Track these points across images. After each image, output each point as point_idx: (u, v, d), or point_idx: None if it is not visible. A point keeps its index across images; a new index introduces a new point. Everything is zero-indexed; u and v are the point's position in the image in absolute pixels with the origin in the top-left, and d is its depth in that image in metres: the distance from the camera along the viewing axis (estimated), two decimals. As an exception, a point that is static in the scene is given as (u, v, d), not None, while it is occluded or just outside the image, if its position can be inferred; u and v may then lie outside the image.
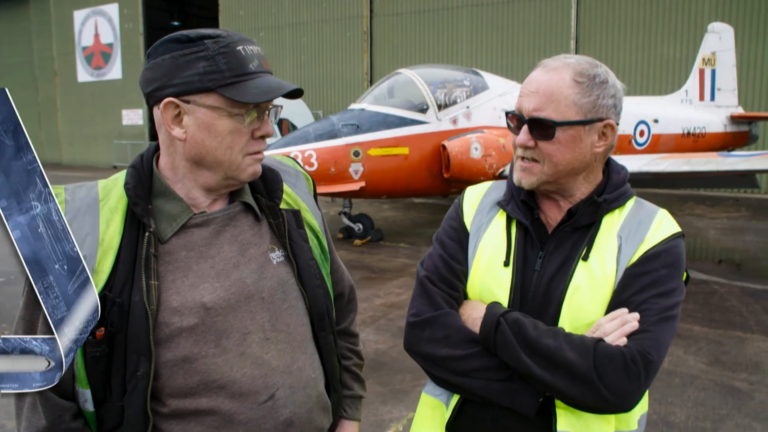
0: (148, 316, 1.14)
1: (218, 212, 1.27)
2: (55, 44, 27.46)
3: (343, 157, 8.13)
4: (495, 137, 8.76)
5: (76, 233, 1.15)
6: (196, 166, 1.23)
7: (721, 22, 13.01)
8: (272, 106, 1.25)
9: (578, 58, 1.35)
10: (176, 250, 1.22)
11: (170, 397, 1.19)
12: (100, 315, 1.11)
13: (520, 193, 1.41)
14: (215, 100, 1.17)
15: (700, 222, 10.65)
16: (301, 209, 1.38)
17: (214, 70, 1.16)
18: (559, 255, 1.33)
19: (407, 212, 12.33)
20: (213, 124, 1.18)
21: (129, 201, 1.21)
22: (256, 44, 1.24)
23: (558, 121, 1.29)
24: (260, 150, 1.24)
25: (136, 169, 1.25)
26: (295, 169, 1.47)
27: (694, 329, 5.27)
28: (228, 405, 1.19)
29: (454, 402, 1.38)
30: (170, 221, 1.22)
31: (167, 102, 1.19)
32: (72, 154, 27.77)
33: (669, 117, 11.22)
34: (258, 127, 1.22)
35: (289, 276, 1.31)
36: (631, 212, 1.35)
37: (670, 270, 1.27)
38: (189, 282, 1.20)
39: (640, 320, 1.22)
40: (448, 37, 17.71)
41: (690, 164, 7.45)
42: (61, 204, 1.18)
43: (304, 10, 20.35)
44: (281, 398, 1.23)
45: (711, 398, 3.98)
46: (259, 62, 1.20)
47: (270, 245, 1.31)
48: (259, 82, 1.18)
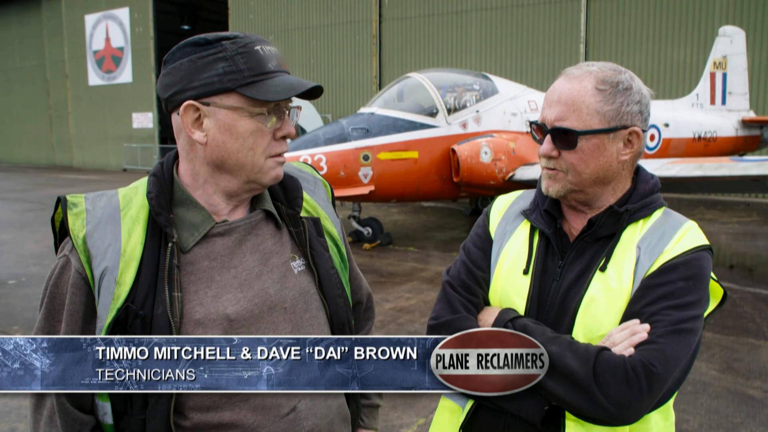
0: (171, 328, 1.13)
1: (240, 221, 1.25)
2: (66, 48, 27.69)
3: (352, 161, 8.14)
4: (505, 141, 8.74)
5: (97, 244, 1.14)
6: (218, 171, 1.21)
7: (733, 25, 12.93)
8: (292, 107, 1.23)
9: (601, 65, 1.34)
10: (198, 260, 1.20)
11: (193, 411, 1.17)
12: (122, 327, 1.11)
13: (545, 202, 1.41)
14: (236, 101, 1.15)
15: (711, 227, 10.56)
16: (321, 217, 1.37)
17: (233, 70, 1.14)
18: (579, 265, 1.33)
19: (416, 216, 12.31)
20: (234, 126, 1.16)
21: (151, 211, 1.19)
22: (272, 45, 1.23)
23: (580, 131, 1.28)
24: (282, 152, 1.22)
25: (157, 177, 1.23)
26: (314, 176, 1.46)
27: (707, 335, 5.22)
28: (251, 418, 1.18)
29: (468, 407, 1.38)
30: (192, 231, 1.20)
31: (187, 105, 1.16)
32: (82, 156, 27.97)
33: (679, 121, 11.15)
34: (279, 127, 1.20)
35: (310, 285, 1.29)
36: (656, 223, 1.33)
37: (688, 283, 1.24)
38: (212, 293, 1.18)
39: (650, 331, 1.20)
40: (457, 40, 17.70)
41: (702, 169, 7.41)
42: (82, 214, 1.18)
43: (313, 14, 20.41)
44: (303, 410, 1.22)
45: (724, 406, 3.94)
46: (277, 62, 1.19)
47: (291, 254, 1.29)
48: (279, 81, 1.17)
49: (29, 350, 1.10)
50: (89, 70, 27.23)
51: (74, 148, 28.31)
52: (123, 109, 26.04)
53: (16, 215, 12.72)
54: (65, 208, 1.18)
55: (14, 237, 10.16)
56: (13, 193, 17.10)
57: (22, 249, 9.17)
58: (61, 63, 28.06)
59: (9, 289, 6.94)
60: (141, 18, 25.07)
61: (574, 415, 1.23)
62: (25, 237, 10.15)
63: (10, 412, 3.90)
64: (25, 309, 6.12)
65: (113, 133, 26.42)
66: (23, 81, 30.01)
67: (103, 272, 1.13)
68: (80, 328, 1.14)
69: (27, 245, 9.45)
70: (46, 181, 20.90)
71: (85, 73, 27.35)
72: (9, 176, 23.00)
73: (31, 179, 21.66)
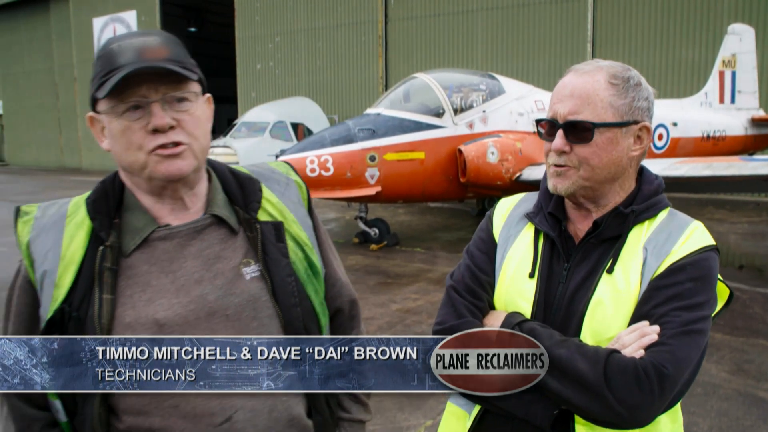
0: (97, 331, 1.14)
1: (183, 225, 1.23)
2: (74, 51, 27.88)
3: (359, 162, 8.14)
4: (512, 142, 8.71)
5: (38, 249, 1.18)
6: (129, 173, 1.22)
7: (742, 23, 12.83)
8: (168, 95, 1.15)
9: (610, 62, 1.34)
10: (138, 264, 1.19)
11: (125, 414, 1.17)
12: (58, 327, 1.14)
13: (548, 204, 1.39)
14: (102, 105, 1.17)
15: (720, 227, 10.48)
16: (286, 220, 1.31)
17: (93, 76, 1.17)
18: (585, 267, 1.31)
19: (423, 217, 12.30)
20: (110, 129, 1.17)
21: (88, 215, 1.21)
22: (150, 35, 1.19)
23: (597, 123, 1.27)
24: (162, 144, 1.15)
25: (104, 183, 1.26)
26: (287, 177, 1.40)
27: (716, 337, 5.17)
28: (181, 425, 1.15)
29: (475, 412, 1.37)
30: (134, 235, 1.21)
31: (88, 118, 1.22)
32: (91, 159, 28.13)
33: (688, 120, 11.08)
34: (148, 121, 1.14)
35: (262, 292, 1.24)
36: (662, 224, 1.32)
37: (697, 284, 1.23)
38: (146, 297, 1.17)
39: (660, 333, 1.19)
40: (464, 40, 17.68)
41: (711, 169, 7.35)
42: (30, 222, 1.22)
43: (319, 16, 20.44)
44: (239, 421, 1.17)
45: (734, 408, 3.89)
46: (136, 54, 1.13)
47: (245, 259, 1.25)
48: (119, 73, 1.11)
49: (29, 365, 1.13)
50: (97, 72, 27.40)
51: (83, 150, 28.49)
52: (131, 112, 26.16)
53: (25, 217, 12.77)
54: (17, 216, 1.23)
55: (23, 239, 10.21)
56: (22, 195, 17.22)
57: (30, 251, 9.21)
58: (70, 66, 28.25)
59: (17, 290, 6.97)
60: (148, 21, 25.21)
61: (585, 419, 1.21)
62: (34, 239, 10.19)
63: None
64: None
65: (121, 136, 26.55)
66: (32, 84, 30.24)
67: (43, 275, 1.17)
68: (25, 328, 1.19)
69: (35, 247, 9.49)
70: (56, 183, 21.04)
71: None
72: (18, 179, 23.17)
73: (40, 182, 21.81)
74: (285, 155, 8.20)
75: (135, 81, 1.12)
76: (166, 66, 1.14)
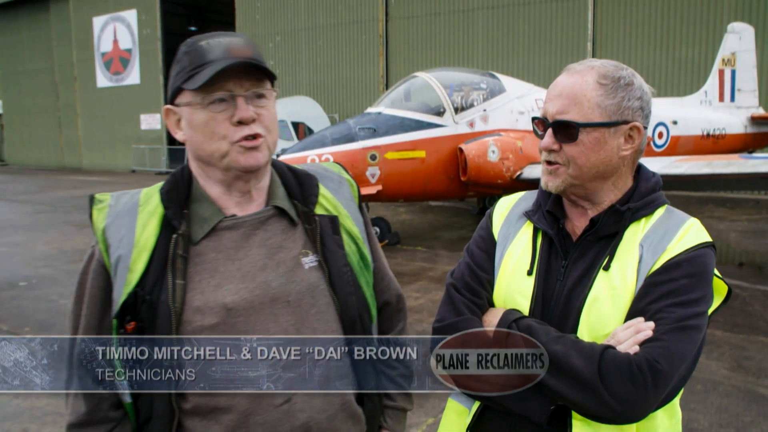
0: (171, 314, 1.20)
1: (248, 216, 1.30)
2: (74, 50, 27.88)
3: (359, 161, 8.14)
4: (512, 140, 8.72)
5: (113, 234, 1.25)
6: (204, 164, 1.29)
7: (742, 21, 12.83)
8: (250, 91, 1.24)
9: (603, 62, 1.34)
10: (206, 252, 1.26)
11: (192, 395, 1.23)
12: (131, 310, 1.20)
13: (547, 203, 1.41)
14: (187, 96, 1.24)
15: (720, 225, 10.49)
16: (340, 215, 1.40)
17: (180, 69, 1.25)
18: (582, 265, 1.32)
19: (424, 216, 12.31)
20: (192, 120, 1.24)
21: (162, 204, 1.28)
22: (235, 36, 1.27)
23: (581, 123, 1.29)
24: (245, 136, 1.23)
25: (174, 175, 1.33)
26: (339, 175, 1.49)
27: (716, 334, 5.19)
28: (245, 405, 1.22)
29: (475, 408, 1.39)
30: (202, 224, 1.28)
31: (165, 109, 1.29)
32: (91, 158, 28.15)
33: (688, 118, 11.09)
34: (233, 113, 1.22)
35: (320, 281, 1.31)
36: (658, 221, 1.33)
37: (692, 280, 1.23)
38: (214, 283, 1.24)
39: (655, 329, 1.20)
40: (464, 39, 17.68)
41: (711, 167, 7.35)
42: (105, 209, 1.29)
43: (319, 14, 20.45)
44: (298, 403, 1.24)
45: (734, 405, 3.91)
46: (224, 51, 1.22)
47: (303, 250, 1.32)
48: (210, 68, 1.20)
49: (29, 367, 1.17)
50: (97, 72, 27.41)
51: (83, 149, 28.51)
52: (131, 111, 26.18)
53: (27, 217, 12.82)
54: (91, 204, 1.30)
55: (25, 239, 10.25)
56: (23, 195, 17.24)
57: (32, 251, 9.24)
58: (70, 65, 28.25)
59: (20, 290, 7.00)
60: (148, 20, 25.20)
61: (581, 414, 1.23)
62: (36, 239, 10.23)
63: (23, 413, 3.94)
64: (37, 311, 6.17)
65: (121, 135, 26.58)
66: (32, 84, 30.24)
67: (117, 260, 1.23)
68: (98, 310, 1.24)
69: (38, 247, 9.53)
70: (56, 183, 21.06)
71: (93, 75, 27.53)
72: (19, 178, 23.20)
73: (41, 181, 21.83)
74: (286, 154, 8.19)
75: (223, 76, 1.20)
76: (257, 63, 1.23)
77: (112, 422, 1.25)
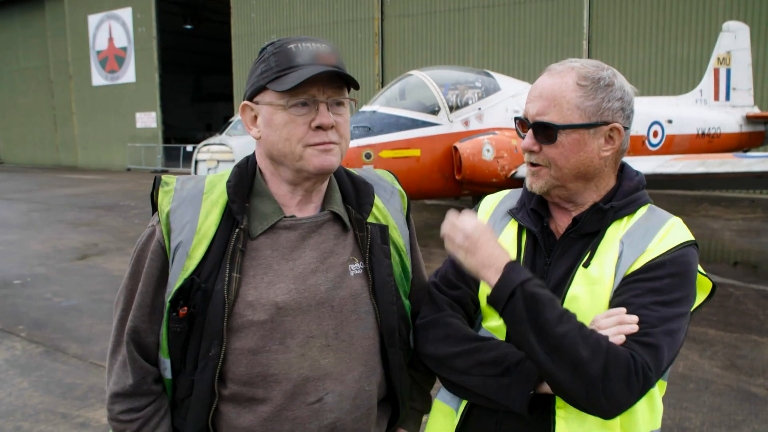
0: (225, 305, 1.23)
1: (307, 219, 1.34)
2: (70, 48, 27.78)
3: (354, 160, 8.13)
4: (507, 139, 8.72)
5: (178, 219, 1.28)
6: (274, 162, 1.32)
7: (737, 20, 12.87)
8: (331, 99, 1.27)
9: (584, 62, 1.34)
10: (263, 248, 1.29)
11: (232, 382, 1.27)
12: (185, 296, 1.24)
13: (531, 201, 1.41)
14: (270, 96, 1.27)
15: (715, 223, 10.53)
16: (389, 226, 1.43)
17: (266, 69, 1.27)
18: (565, 263, 1.33)
19: (419, 214, 12.32)
20: (272, 119, 1.27)
21: (228, 197, 1.30)
22: (323, 42, 1.30)
23: (559, 125, 1.29)
24: (322, 141, 1.26)
25: (240, 168, 1.36)
26: (392, 186, 1.52)
27: (709, 333, 5.21)
28: (280, 400, 1.26)
29: (462, 408, 1.39)
30: (262, 220, 1.31)
31: (242, 105, 1.33)
32: (87, 157, 28.06)
33: (683, 117, 11.11)
34: (313, 117, 1.25)
35: (363, 289, 1.35)
36: (640, 220, 1.32)
37: (675, 279, 1.23)
38: (267, 280, 1.27)
39: (641, 330, 1.18)
40: (460, 38, 17.68)
41: (705, 165, 7.37)
42: (171, 192, 1.32)
43: (315, 13, 20.42)
44: (329, 403, 1.29)
45: (727, 403, 3.93)
46: (312, 57, 1.25)
47: (351, 256, 1.36)
48: (299, 72, 1.23)
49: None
50: (93, 70, 27.31)
51: (79, 148, 28.41)
52: (126, 109, 26.11)
53: (22, 215, 12.78)
54: (157, 186, 1.33)
55: (19, 237, 10.21)
56: (18, 193, 17.18)
57: (27, 249, 9.21)
58: (65, 64, 28.14)
59: (14, 289, 6.98)
60: (144, 18, 25.11)
61: (558, 394, 1.20)
62: (31, 237, 10.20)
63: (15, 411, 3.93)
64: (30, 309, 6.15)
65: (117, 133, 26.50)
66: (27, 82, 30.12)
67: (178, 245, 1.26)
68: (153, 290, 1.28)
69: (32, 245, 9.50)
70: (51, 181, 20.99)
71: (88, 74, 27.44)
72: (14, 177, 23.11)
73: (36, 180, 21.76)
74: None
75: (308, 81, 1.22)
76: (344, 72, 1.26)
77: (154, 395, 1.30)
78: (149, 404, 1.29)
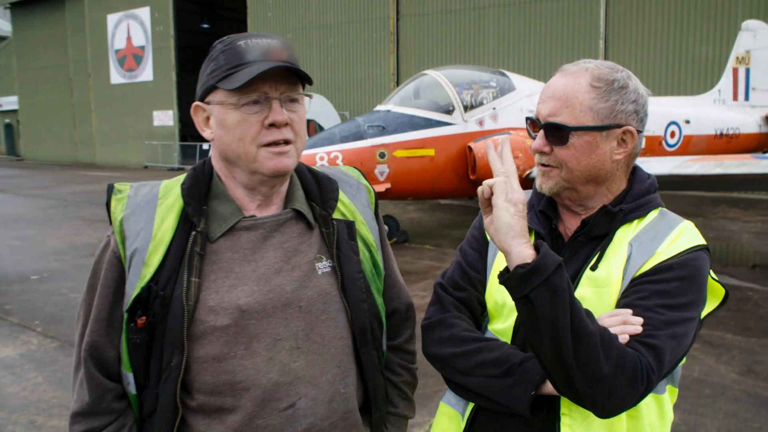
0: (184, 311, 1.19)
1: (267, 218, 1.29)
2: (89, 47, 28.11)
3: (368, 159, 8.13)
4: (522, 139, 8.66)
5: (131, 227, 1.23)
6: (229, 164, 1.27)
7: (756, 19, 12.66)
8: (285, 95, 1.22)
9: (598, 63, 1.32)
10: (222, 250, 1.25)
11: (198, 392, 1.23)
12: (144, 304, 1.19)
13: (540, 203, 1.40)
14: (221, 95, 1.22)
15: (733, 225, 10.38)
16: (356, 221, 1.38)
17: (215, 67, 1.23)
18: (573, 265, 1.30)
19: (433, 214, 12.29)
20: (224, 119, 1.22)
21: (183, 201, 1.26)
22: (273, 38, 1.25)
23: (572, 126, 1.27)
24: (276, 140, 1.21)
25: (195, 171, 1.32)
26: (358, 181, 1.48)
27: (726, 337, 5.13)
28: (250, 407, 1.21)
29: (468, 411, 1.38)
30: (221, 222, 1.26)
31: (194, 106, 1.28)
32: (105, 154, 28.39)
33: (701, 117, 10.96)
34: (266, 115, 1.21)
35: (332, 287, 1.31)
36: (650, 223, 1.30)
37: (683, 283, 1.20)
38: (229, 283, 1.23)
39: (646, 332, 1.15)
40: (475, 37, 17.61)
41: (722, 167, 7.27)
42: (124, 200, 1.27)
43: (330, 12, 20.45)
44: (302, 408, 1.24)
45: (743, 410, 3.86)
46: (262, 53, 1.20)
47: (318, 254, 1.31)
48: (249, 69, 1.18)
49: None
50: (111, 68, 27.62)
51: (97, 145, 28.75)
52: (144, 107, 26.36)
53: (40, 212, 12.95)
54: (110, 194, 1.29)
55: (37, 233, 10.35)
56: (36, 190, 17.42)
57: (44, 245, 9.34)
58: (84, 62, 28.49)
59: (31, 284, 7.07)
60: (161, 17, 25.33)
61: (560, 393, 1.18)
62: (48, 233, 10.34)
63: (29, 405, 3.98)
64: (47, 304, 6.23)
65: (134, 131, 26.78)
66: (47, 80, 30.55)
67: (133, 252, 1.21)
68: (110, 302, 1.23)
69: (49, 241, 9.62)
70: (69, 178, 21.26)
71: (107, 72, 27.75)
72: (33, 173, 23.45)
73: (54, 176, 22.05)
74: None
75: (259, 78, 1.18)
76: (297, 67, 1.22)
77: (115, 413, 1.24)
78: (110, 423, 1.24)
